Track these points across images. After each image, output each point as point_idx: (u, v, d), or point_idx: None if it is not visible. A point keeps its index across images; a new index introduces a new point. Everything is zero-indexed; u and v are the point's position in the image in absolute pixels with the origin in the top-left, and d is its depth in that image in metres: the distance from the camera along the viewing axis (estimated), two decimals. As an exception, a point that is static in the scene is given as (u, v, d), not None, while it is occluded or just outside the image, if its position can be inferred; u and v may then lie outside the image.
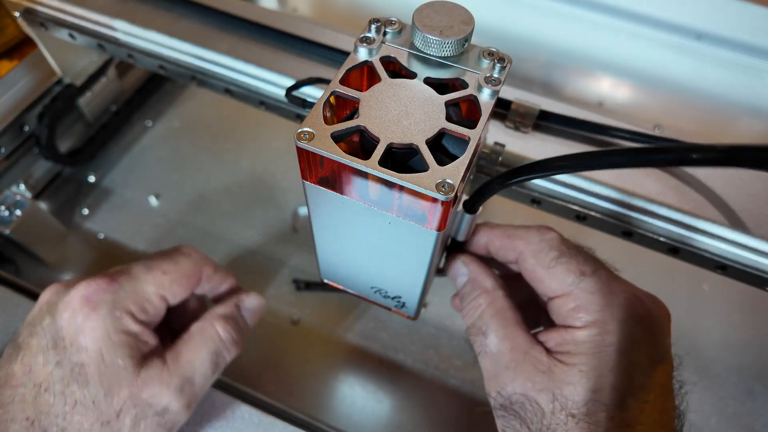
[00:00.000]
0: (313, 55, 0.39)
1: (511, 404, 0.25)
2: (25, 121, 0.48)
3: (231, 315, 0.32)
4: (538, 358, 0.25)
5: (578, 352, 0.24)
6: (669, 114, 0.59)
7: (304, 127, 0.22)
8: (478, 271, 0.29)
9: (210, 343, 0.30)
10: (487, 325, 0.27)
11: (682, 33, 0.57)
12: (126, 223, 0.51)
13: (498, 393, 0.26)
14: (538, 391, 0.24)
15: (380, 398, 0.43)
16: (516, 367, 0.25)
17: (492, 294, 0.28)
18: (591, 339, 0.24)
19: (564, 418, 0.24)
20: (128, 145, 0.57)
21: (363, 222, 0.25)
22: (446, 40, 0.24)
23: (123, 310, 0.28)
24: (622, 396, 0.24)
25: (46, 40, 0.46)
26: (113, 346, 0.27)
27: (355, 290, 0.33)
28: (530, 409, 0.24)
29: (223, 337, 0.31)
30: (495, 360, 0.26)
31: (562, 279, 0.26)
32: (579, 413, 0.23)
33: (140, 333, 0.29)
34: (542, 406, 0.24)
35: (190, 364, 0.29)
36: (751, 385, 0.44)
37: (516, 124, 0.35)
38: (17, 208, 0.45)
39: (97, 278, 0.29)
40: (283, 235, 0.51)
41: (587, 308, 0.25)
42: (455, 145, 0.23)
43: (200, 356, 0.30)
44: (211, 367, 0.30)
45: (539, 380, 0.25)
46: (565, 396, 0.24)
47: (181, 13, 0.41)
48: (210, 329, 0.31)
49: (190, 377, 0.29)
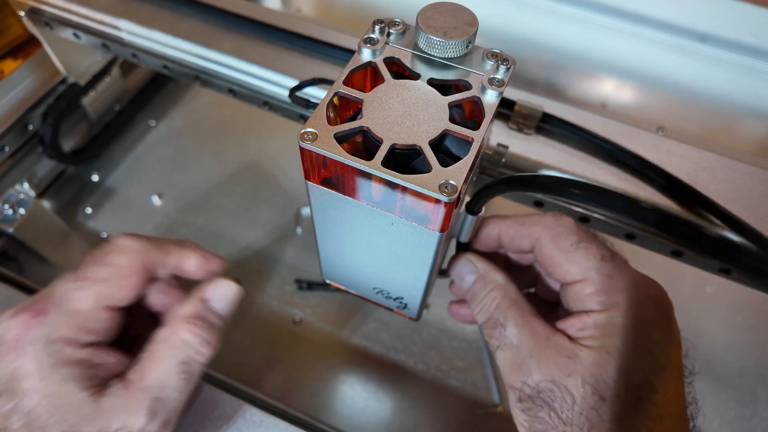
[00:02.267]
0: (317, 55, 0.39)
1: (539, 393, 0.24)
2: (29, 120, 0.48)
3: (197, 314, 0.28)
4: (561, 344, 0.25)
5: (602, 335, 0.24)
6: (672, 116, 0.59)
7: (307, 128, 0.22)
8: (487, 267, 0.29)
9: (176, 353, 0.27)
10: (504, 316, 0.26)
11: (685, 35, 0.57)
12: (129, 222, 0.51)
13: (524, 383, 0.25)
14: (566, 377, 0.24)
15: (381, 399, 0.43)
16: (540, 353, 0.25)
17: (505, 287, 0.27)
18: (613, 321, 0.24)
19: (595, 402, 0.23)
20: (131, 145, 0.57)
21: (365, 223, 0.25)
22: (450, 42, 0.24)
23: (60, 340, 0.25)
24: (649, 376, 0.24)
25: (51, 40, 0.47)
26: (62, 382, 0.24)
27: (357, 291, 0.33)
28: (560, 397, 0.24)
29: (191, 341, 0.27)
30: (517, 350, 0.25)
31: (583, 263, 0.25)
32: (610, 395, 0.23)
33: (90, 357, 0.26)
34: (572, 391, 0.24)
35: (157, 380, 0.26)
36: (753, 388, 0.44)
37: (519, 126, 0.35)
38: (21, 206, 0.45)
39: (20, 313, 0.25)
40: (286, 236, 0.51)
41: (607, 292, 0.25)
42: (458, 146, 0.23)
43: (167, 369, 0.26)
44: (182, 378, 0.27)
45: (566, 365, 0.24)
46: (595, 378, 0.23)
47: (185, 12, 0.42)
48: (173, 337, 0.27)
49: (160, 395, 0.26)
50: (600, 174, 0.34)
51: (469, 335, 0.46)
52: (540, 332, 0.25)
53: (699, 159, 0.35)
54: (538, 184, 0.23)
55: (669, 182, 0.32)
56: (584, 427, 0.23)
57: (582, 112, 0.36)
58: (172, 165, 0.56)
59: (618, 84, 0.61)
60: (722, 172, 0.34)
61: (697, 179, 0.33)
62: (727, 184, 0.33)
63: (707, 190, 0.33)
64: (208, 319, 0.28)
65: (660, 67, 0.59)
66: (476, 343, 0.46)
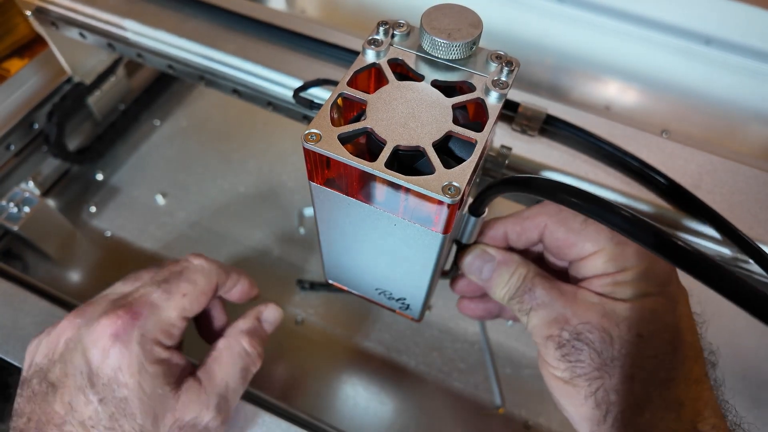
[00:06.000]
0: (322, 56, 0.39)
1: (578, 335, 0.26)
2: (35, 118, 0.49)
3: (254, 330, 0.33)
4: (589, 296, 0.26)
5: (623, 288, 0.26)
6: (677, 119, 0.58)
7: (311, 129, 0.22)
8: (504, 253, 0.30)
9: (239, 360, 0.31)
10: (532, 282, 0.28)
11: (690, 37, 0.57)
12: (133, 221, 0.51)
13: (562, 329, 0.26)
14: (601, 317, 0.25)
15: (383, 400, 0.43)
16: (573, 304, 0.26)
17: (527, 263, 0.29)
18: (631, 277, 0.26)
19: (632, 338, 0.25)
20: (136, 144, 0.57)
21: (368, 224, 0.25)
22: (454, 43, 0.24)
23: (152, 341, 0.29)
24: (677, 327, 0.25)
25: (57, 39, 0.47)
26: (150, 377, 0.28)
27: (359, 291, 0.33)
28: (598, 337, 0.25)
29: (249, 352, 0.32)
30: (549, 306, 0.27)
31: (595, 237, 0.27)
32: (647, 333, 0.25)
33: (170, 357, 0.29)
34: (609, 331, 0.25)
35: (223, 381, 0.30)
36: (756, 392, 0.44)
37: (523, 128, 0.35)
38: (26, 205, 0.45)
39: (120, 313, 0.29)
40: (289, 236, 0.51)
41: (623, 256, 0.26)
42: (462, 147, 0.23)
43: (231, 373, 0.31)
44: (241, 382, 0.31)
45: (598, 311, 0.26)
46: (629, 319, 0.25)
47: (190, 13, 0.42)
48: (237, 346, 0.32)
49: (224, 394, 0.30)
50: (603, 177, 0.34)
51: (472, 337, 0.46)
52: (568, 290, 0.27)
53: (703, 162, 0.35)
54: (536, 186, 0.23)
55: (671, 187, 0.32)
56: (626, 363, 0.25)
57: (586, 115, 0.36)
58: (177, 164, 0.56)
59: (622, 86, 0.61)
60: (726, 175, 0.34)
61: (701, 182, 0.33)
62: (732, 187, 0.33)
63: (711, 194, 0.33)
64: (261, 335, 0.34)
65: (664, 69, 0.59)
66: (478, 345, 0.46)
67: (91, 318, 0.29)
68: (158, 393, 0.28)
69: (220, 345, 0.32)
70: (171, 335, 0.30)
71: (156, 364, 0.28)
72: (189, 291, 0.31)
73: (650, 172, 0.33)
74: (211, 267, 0.33)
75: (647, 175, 0.33)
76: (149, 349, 0.28)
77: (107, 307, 0.29)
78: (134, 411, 0.27)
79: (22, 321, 0.37)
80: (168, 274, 0.31)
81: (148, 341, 0.28)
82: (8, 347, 0.36)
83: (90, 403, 0.27)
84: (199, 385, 0.30)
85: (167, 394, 0.28)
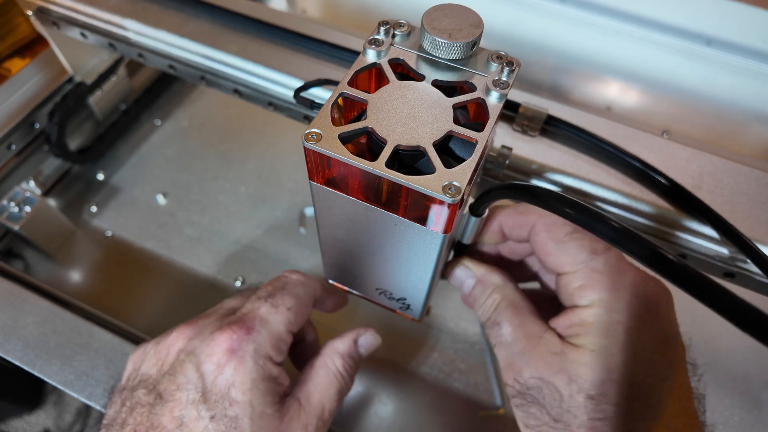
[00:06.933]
0: (322, 56, 0.39)
1: (528, 390, 0.25)
2: (36, 118, 0.49)
3: (350, 353, 0.32)
4: (551, 342, 0.25)
5: (586, 333, 0.24)
6: (677, 119, 0.58)
7: (312, 128, 0.22)
8: (483, 271, 0.29)
9: (335, 382, 0.31)
10: (501, 316, 0.27)
11: (692, 38, 0.57)
12: (133, 220, 0.52)
13: (515, 380, 0.26)
14: (554, 374, 0.24)
15: (383, 400, 0.43)
16: (531, 351, 0.25)
17: (504, 288, 0.28)
18: (598, 318, 0.24)
19: (582, 401, 0.23)
20: (137, 144, 0.57)
21: (369, 223, 0.25)
22: (455, 43, 0.24)
23: (264, 357, 0.28)
24: (637, 376, 0.24)
25: (58, 39, 0.47)
26: (261, 395, 0.27)
27: (359, 291, 0.33)
28: (548, 393, 0.24)
29: (344, 375, 0.31)
30: (510, 348, 0.26)
31: (574, 255, 0.26)
32: (597, 394, 0.23)
33: (279, 375, 0.29)
34: (560, 389, 0.24)
35: (320, 403, 0.30)
36: (757, 393, 0.44)
37: (524, 128, 0.35)
38: (27, 204, 0.45)
39: (234, 327, 0.28)
40: (289, 236, 0.51)
41: (594, 287, 0.25)
42: (462, 147, 0.23)
43: (329, 395, 0.30)
44: (337, 405, 0.31)
45: (554, 362, 0.25)
46: (581, 377, 0.24)
47: (192, 13, 0.42)
48: (333, 367, 0.31)
49: (322, 415, 0.30)
50: (604, 177, 0.34)
51: (472, 337, 0.46)
52: (533, 331, 0.26)
53: (704, 162, 0.35)
54: (537, 195, 0.23)
55: (672, 188, 0.32)
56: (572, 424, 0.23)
57: (587, 115, 0.36)
58: (177, 164, 0.56)
59: (623, 87, 0.61)
60: (728, 175, 0.34)
61: (702, 183, 0.33)
62: (733, 188, 0.33)
63: (712, 194, 0.33)
64: (356, 360, 0.33)
65: (666, 70, 0.59)
66: (479, 345, 0.46)
67: (203, 331, 0.29)
68: (267, 413, 0.27)
69: (317, 364, 0.31)
70: (280, 350, 0.29)
71: (267, 381, 0.28)
72: (293, 304, 0.30)
73: (651, 172, 0.33)
74: (309, 280, 0.33)
75: (648, 175, 0.33)
76: (262, 365, 0.28)
77: (219, 322, 0.29)
78: (242, 430, 0.26)
79: (23, 320, 0.37)
80: (272, 289, 0.31)
81: (261, 357, 0.28)
82: (9, 346, 0.36)
83: (201, 419, 0.26)
84: (299, 406, 0.29)
85: (273, 415, 0.27)
